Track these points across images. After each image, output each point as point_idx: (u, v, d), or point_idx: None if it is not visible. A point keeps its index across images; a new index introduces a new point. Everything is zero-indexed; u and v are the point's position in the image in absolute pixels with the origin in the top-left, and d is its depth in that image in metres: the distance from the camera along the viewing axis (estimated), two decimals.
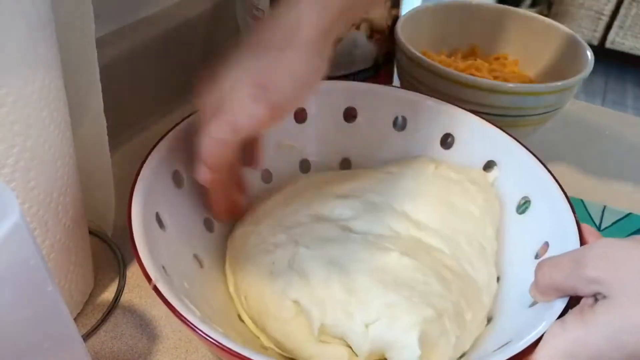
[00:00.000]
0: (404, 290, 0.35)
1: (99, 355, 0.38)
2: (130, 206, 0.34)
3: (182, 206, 0.40)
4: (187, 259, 0.38)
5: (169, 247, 0.36)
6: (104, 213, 0.44)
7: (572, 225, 0.35)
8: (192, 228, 0.40)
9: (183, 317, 0.29)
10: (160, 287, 0.30)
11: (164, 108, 0.60)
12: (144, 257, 0.32)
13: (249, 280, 0.38)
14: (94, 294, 0.42)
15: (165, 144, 0.39)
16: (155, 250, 0.33)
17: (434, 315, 0.34)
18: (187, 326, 0.29)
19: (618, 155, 0.62)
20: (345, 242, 0.38)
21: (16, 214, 0.22)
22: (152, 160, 0.38)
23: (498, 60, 0.62)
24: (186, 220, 0.40)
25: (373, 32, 0.55)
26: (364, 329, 0.34)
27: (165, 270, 0.33)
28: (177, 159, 0.40)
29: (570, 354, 0.27)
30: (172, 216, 0.38)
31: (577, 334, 0.27)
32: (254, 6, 0.52)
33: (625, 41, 2.05)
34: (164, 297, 0.30)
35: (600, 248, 0.29)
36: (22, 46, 0.28)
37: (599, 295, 0.28)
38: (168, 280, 0.32)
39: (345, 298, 0.35)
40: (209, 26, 0.64)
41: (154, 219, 0.36)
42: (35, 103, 0.30)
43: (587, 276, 0.28)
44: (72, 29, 0.35)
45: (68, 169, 0.35)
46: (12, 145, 0.29)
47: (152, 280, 0.31)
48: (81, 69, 0.37)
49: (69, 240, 0.36)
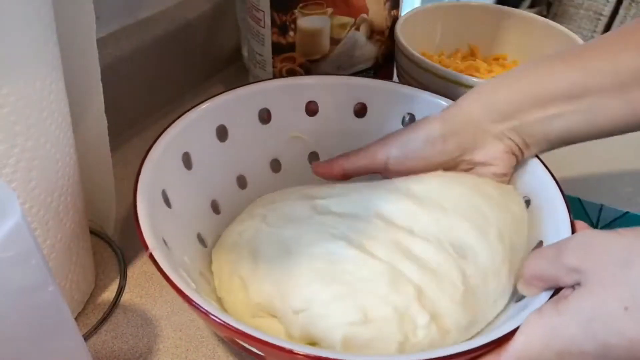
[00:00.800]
0: (340, 286, 0.33)
1: (99, 354, 0.38)
2: (138, 179, 0.35)
3: (190, 186, 0.40)
4: (190, 237, 0.39)
5: (173, 223, 0.37)
6: (105, 213, 0.44)
7: (566, 225, 0.35)
8: (199, 209, 0.41)
9: (177, 287, 0.30)
10: (156, 256, 0.31)
11: (164, 108, 0.60)
12: (144, 225, 0.32)
13: (218, 245, 0.40)
14: (94, 293, 0.42)
15: (178, 126, 0.40)
16: (157, 223, 0.34)
17: (362, 320, 0.32)
18: (180, 296, 0.29)
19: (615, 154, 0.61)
20: (305, 223, 0.38)
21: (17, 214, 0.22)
22: (163, 140, 0.39)
23: (497, 60, 0.62)
24: (193, 200, 0.41)
25: (373, 32, 0.55)
26: (294, 315, 0.34)
27: (165, 243, 0.34)
28: (188, 140, 0.41)
29: (544, 342, 0.28)
30: (179, 195, 0.39)
31: (551, 321, 0.28)
32: (254, 6, 0.52)
33: None
34: (159, 266, 0.30)
35: (581, 237, 0.29)
36: (23, 47, 0.28)
37: (577, 285, 0.28)
38: (167, 252, 0.32)
39: (283, 280, 0.35)
40: (209, 27, 0.64)
41: (160, 195, 0.37)
42: (37, 103, 0.30)
43: (566, 264, 0.28)
44: (74, 30, 0.35)
45: (69, 169, 0.35)
46: (13, 146, 0.29)
47: (149, 248, 0.31)
48: (82, 70, 0.37)
49: (70, 240, 0.36)
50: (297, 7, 0.51)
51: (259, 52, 0.55)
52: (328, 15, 0.52)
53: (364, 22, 0.54)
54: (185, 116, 0.41)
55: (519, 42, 0.62)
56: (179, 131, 0.40)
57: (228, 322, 0.28)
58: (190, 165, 0.41)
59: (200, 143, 0.42)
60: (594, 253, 0.28)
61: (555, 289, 0.30)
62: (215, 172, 0.43)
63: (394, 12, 0.56)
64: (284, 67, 0.54)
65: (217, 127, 0.43)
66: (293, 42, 0.53)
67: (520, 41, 0.62)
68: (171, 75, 0.61)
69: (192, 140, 0.41)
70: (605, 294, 0.26)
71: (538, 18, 0.61)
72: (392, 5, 0.55)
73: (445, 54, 0.63)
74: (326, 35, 0.53)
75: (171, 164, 0.39)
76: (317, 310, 0.33)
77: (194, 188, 0.41)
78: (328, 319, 0.33)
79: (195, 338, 0.39)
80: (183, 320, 0.41)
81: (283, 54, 0.54)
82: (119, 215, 0.46)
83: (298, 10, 0.51)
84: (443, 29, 0.63)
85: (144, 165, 0.36)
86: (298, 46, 0.53)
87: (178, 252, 0.35)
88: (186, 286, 0.30)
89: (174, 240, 0.35)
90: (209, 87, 0.65)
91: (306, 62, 0.54)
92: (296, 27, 0.52)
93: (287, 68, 0.54)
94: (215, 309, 0.29)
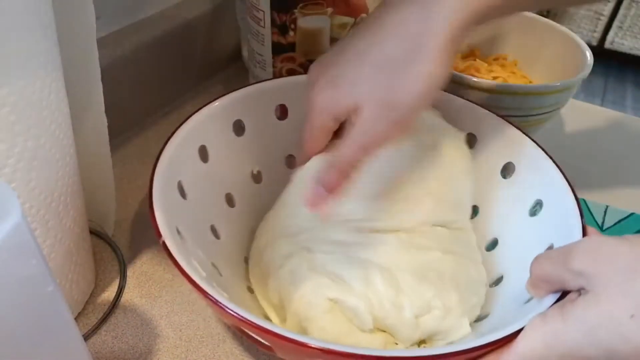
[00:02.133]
0: (446, 283, 0.37)
1: (99, 354, 0.38)
2: (155, 169, 0.36)
3: (205, 179, 0.41)
4: (204, 229, 0.39)
5: (187, 214, 0.37)
6: (105, 213, 0.44)
7: (578, 230, 0.35)
8: (213, 201, 0.42)
9: (187, 274, 0.30)
10: (169, 244, 0.31)
11: (164, 108, 0.60)
12: (158, 213, 0.33)
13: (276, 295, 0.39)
14: (94, 293, 0.42)
15: (196, 119, 0.40)
16: (172, 213, 0.34)
17: (478, 303, 0.38)
18: (190, 283, 0.30)
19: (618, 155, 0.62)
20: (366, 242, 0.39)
21: (17, 214, 0.22)
22: (181, 132, 0.39)
23: (497, 60, 0.62)
24: (208, 193, 0.41)
25: None
26: (414, 320, 0.36)
27: (179, 232, 0.34)
28: (205, 134, 0.41)
29: (547, 346, 0.28)
30: (194, 187, 0.39)
31: (555, 327, 0.28)
32: (254, 6, 0.52)
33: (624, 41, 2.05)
34: (171, 254, 0.31)
35: (589, 242, 0.29)
36: (23, 46, 0.28)
37: (583, 290, 0.28)
38: (180, 242, 0.33)
39: (392, 293, 0.36)
40: (209, 27, 0.64)
41: (176, 186, 0.37)
42: (37, 103, 0.30)
43: (573, 268, 0.28)
44: (74, 30, 0.35)
45: (69, 169, 0.35)
46: (13, 146, 0.29)
47: (162, 236, 0.31)
48: (82, 70, 0.37)
49: (70, 240, 0.36)
50: (297, 7, 0.51)
51: (259, 52, 0.55)
52: (328, 15, 0.52)
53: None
54: (202, 110, 0.41)
55: (519, 42, 0.62)
56: (195, 124, 0.40)
57: (236, 311, 0.28)
58: (207, 158, 0.41)
59: (217, 137, 0.42)
60: (601, 260, 0.27)
61: (561, 293, 0.30)
62: (231, 166, 0.43)
63: None
64: (284, 67, 0.54)
65: (234, 122, 0.43)
66: (293, 42, 0.53)
67: (520, 41, 0.62)
68: (171, 75, 0.61)
69: (209, 134, 0.41)
70: (611, 303, 0.26)
71: (538, 18, 0.61)
72: None
73: None
74: (326, 35, 0.53)
75: (187, 156, 0.40)
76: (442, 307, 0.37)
77: (209, 181, 0.41)
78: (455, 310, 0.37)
79: (195, 338, 0.39)
80: (183, 320, 0.41)
81: (283, 54, 0.54)
82: (119, 215, 0.46)
83: (298, 10, 0.51)
84: None
85: (162, 155, 0.37)
86: (298, 46, 0.53)
87: (191, 243, 0.35)
88: (196, 274, 0.30)
89: (187, 231, 0.35)
90: (209, 87, 0.65)
91: (306, 62, 0.54)
92: (296, 27, 0.52)
93: (287, 68, 0.54)
94: (223, 298, 0.29)
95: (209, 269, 0.36)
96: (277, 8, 0.51)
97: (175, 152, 0.38)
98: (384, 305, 0.36)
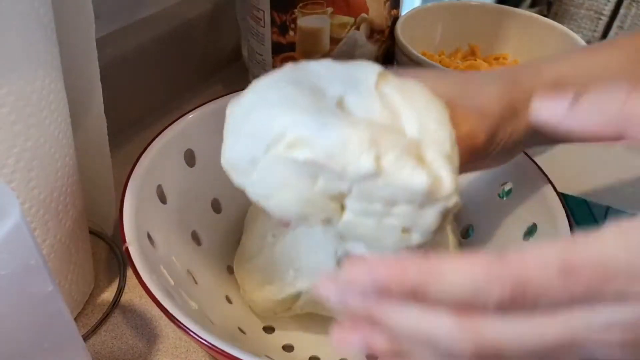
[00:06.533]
0: None
1: (99, 355, 0.38)
2: (131, 173, 0.35)
3: (189, 183, 0.40)
4: (183, 234, 0.39)
5: (164, 219, 0.37)
6: (104, 213, 0.44)
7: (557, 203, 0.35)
8: (197, 206, 0.41)
9: (143, 282, 0.30)
10: (132, 251, 0.31)
11: (164, 108, 0.60)
12: (126, 219, 0.33)
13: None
14: (94, 293, 0.42)
15: (182, 123, 0.40)
16: (145, 217, 0.34)
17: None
18: (147, 292, 0.29)
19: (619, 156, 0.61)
20: None
21: (17, 214, 0.22)
22: (163, 136, 0.39)
23: (498, 60, 0.62)
24: (192, 197, 0.40)
25: (373, 32, 0.55)
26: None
27: (151, 238, 0.34)
28: (192, 137, 0.41)
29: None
30: (176, 192, 0.39)
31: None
32: (254, 6, 0.52)
33: None
34: (131, 260, 0.31)
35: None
36: (22, 46, 0.28)
37: None
38: (150, 248, 0.32)
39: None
40: (209, 26, 0.64)
41: (154, 190, 0.37)
42: (36, 103, 0.30)
43: None
44: (73, 29, 0.35)
45: (68, 169, 0.35)
46: (13, 146, 0.29)
47: (126, 242, 0.31)
48: (82, 69, 0.37)
49: (70, 240, 0.36)
50: (297, 7, 0.51)
51: (259, 52, 0.55)
52: (328, 15, 0.52)
53: (364, 22, 0.54)
54: (189, 114, 0.41)
55: (519, 42, 0.62)
56: (182, 128, 0.40)
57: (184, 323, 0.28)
58: (194, 163, 0.41)
59: (206, 141, 0.42)
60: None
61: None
62: (219, 171, 0.43)
63: (394, 11, 0.56)
64: None
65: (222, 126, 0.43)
66: (293, 42, 0.53)
67: (520, 41, 0.62)
68: (171, 75, 0.61)
69: (197, 138, 0.41)
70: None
71: (539, 17, 0.61)
72: (392, 4, 0.55)
73: (445, 53, 0.63)
74: (326, 35, 0.53)
75: (171, 160, 0.39)
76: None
77: (195, 185, 0.41)
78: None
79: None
80: None
81: (283, 53, 0.54)
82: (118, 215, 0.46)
83: (298, 9, 0.51)
84: (443, 29, 0.63)
85: (139, 160, 0.37)
86: (298, 46, 0.53)
87: (165, 249, 0.35)
88: (155, 282, 0.30)
89: (163, 237, 0.35)
90: (209, 87, 0.65)
91: None
92: (296, 26, 0.52)
93: None
94: (176, 310, 0.29)
95: (181, 277, 0.35)
96: (277, 8, 0.51)
97: (158, 156, 0.38)
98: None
